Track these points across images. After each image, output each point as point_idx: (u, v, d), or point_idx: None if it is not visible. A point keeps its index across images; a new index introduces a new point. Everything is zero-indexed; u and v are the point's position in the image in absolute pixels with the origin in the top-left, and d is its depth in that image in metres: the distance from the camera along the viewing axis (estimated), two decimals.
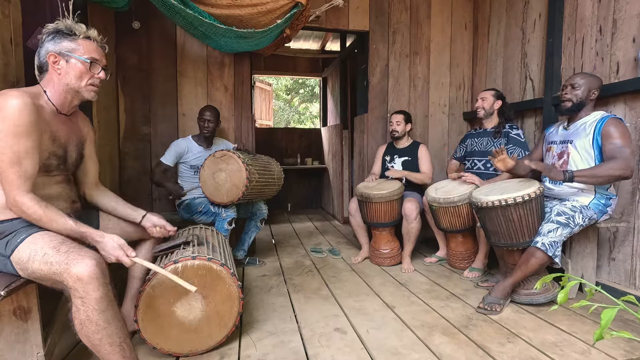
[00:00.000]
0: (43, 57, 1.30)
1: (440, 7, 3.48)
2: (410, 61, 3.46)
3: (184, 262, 1.47)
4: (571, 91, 2.02)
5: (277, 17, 2.41)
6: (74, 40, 1.32)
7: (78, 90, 1.35)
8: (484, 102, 2.65)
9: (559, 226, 1.87)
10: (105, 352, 1.17)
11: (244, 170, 2.30)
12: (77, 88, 1.34)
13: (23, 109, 1.16)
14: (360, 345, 1.62)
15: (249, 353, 1.56)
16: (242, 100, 3.05)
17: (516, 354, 1.54)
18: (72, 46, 1.31)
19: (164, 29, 2.86)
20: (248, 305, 2.04)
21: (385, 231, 2.73)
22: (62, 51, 1.30)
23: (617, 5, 2.19)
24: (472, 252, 2.62)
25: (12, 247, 1.18)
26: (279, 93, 13.60)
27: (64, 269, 1.11)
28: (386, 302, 2.08)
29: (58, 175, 1.38)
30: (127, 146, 2.84)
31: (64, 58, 1.31)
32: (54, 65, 1.31)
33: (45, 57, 1.30)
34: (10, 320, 1.24)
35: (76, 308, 1.13)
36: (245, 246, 2.72)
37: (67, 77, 1.32)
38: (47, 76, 1.33)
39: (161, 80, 2.89)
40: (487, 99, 2.64)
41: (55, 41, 1.30)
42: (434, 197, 2.53)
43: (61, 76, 1.32)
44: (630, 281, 2.12)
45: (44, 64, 1.32)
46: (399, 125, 2.95)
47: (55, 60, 1.30)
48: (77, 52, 1.32)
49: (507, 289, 1.97)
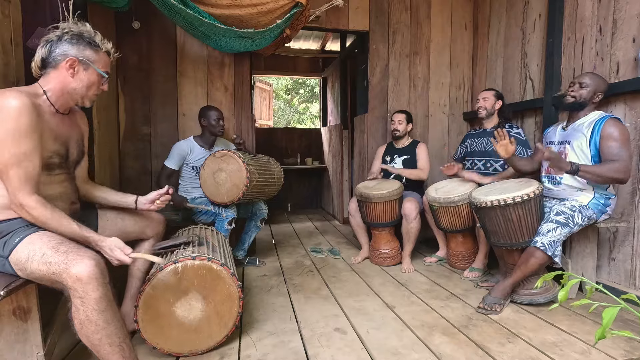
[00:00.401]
0: (58, 56, 1.29)
1: (440, 7, 3.48)
2: (410, 61, 3.46)
3: (184, 262, 1.47)
4: (578, 89, 2.01)
5: (277, 17, 2.41)
6: (96, 52, 1.34)
7: (82, 97, 1.37)
8: (485, 102, 2.65)
9: (558, 226, 1.87)
10: (105, 352, 1.17)
11: (244, 170, 2.30)
12: (83, 95, 1.36)
13: (23, 110, 1.16)
14: (360, 345, 1.62)
15: (249, 353, 1.56)
16: (242, 100, 3.05)
17: (516, 354, 1.54)
18: (94, 57, 1.34)
19: (164, 29, 2.86)
20: (248, 305, 2.04)
21: (385, 231, 2.73)
22: (85, 59, 1.31)
23: (617, 5, 2.19)
24: (472, 252, 2.62)
25: (10, 248, 1.17)
26: (279, 93, 13.60)
27: (63, 269, 1.10)
28: (386, 302, 2.08)
29: (60, 174, 1.37)
30: (127, 146, 2.83)
31: (83, 65, 1.32)
32: (70, 69, 1.30)
33: (62, 57, 1.28)
34: (10, 320, 1.24)
35: (75, 308, 1.13)
36: (245, 246, 2.72)
37: (79, 83, 1.32)
38: (51, 74, 1.30)
39: (161, 80, 2.89)
40: (489, 99, 2.64)
41: (78, 47, 1.30)
42: (434, 197, 2.53)
43: (73, 80, 1.31)
44: (630, 281, 2.12)
45: (53, 61, 1.29)
46: (401, 125, 2.95)
47: (73, 64, 1.30)
48: (97, 64, 1.35)
49: (507, 289, 1.97)
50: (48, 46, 1.29)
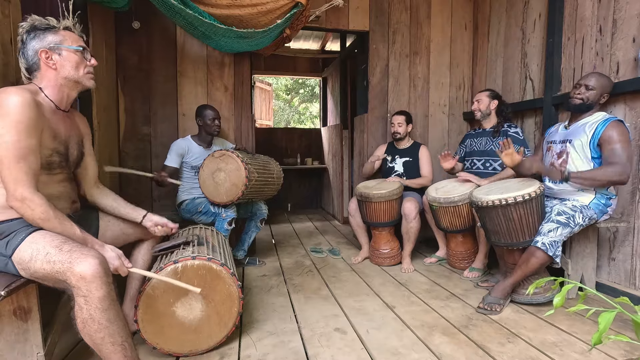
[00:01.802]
0: (32, 56, 1.28)
1: (440, 7, 3.48)
2: (410, 61, 3.46)
3: (183, 262, 1.47)
4: (584, 92, 2.00)
5: (277, 17, 2.41)
6: (56, 32, 1.31)
7: (78, 80, 1.35)
8: (479, 104, 2.66)
9: (559, 226, 1.87)
10: (107, 351, 1.17)
11: (243, 169, 2.30)
12: (77, 78, 1.35)
13: (24, 105, 1.16)
14: (360, 345, 1.62)
15: (249, 353, 1.56)
16: (242, 100, 3.05)
17: (516, 354, 1.54)
18: (58, 38, 1.31)
19: (164, 29, 2.86)
20: (248, 305, 2.04)
21: (385, 231, 2.73)
22: (51, 45, 1.29)
23: (617, 5, 2.19)
24: (472, 252, 2.62)
25: (13, 247, 1.17)
26: (279, 93, 13.60)
27: (67, 268, 1.10)
28: (386, 302, 2.08)
29: (60, 173, 1.37)
30: (127, 146, 2.83)
31: (55, 52, 1.30)
32: (47, 62, 1.29)
33: (36, 55, 1.28)
34: (10, 320, 1.24)
35: (79, 307, 1.13)
36: (245, 246, 2.72)
37: (65, 69, 1.31)
38: (39, 75, 1.31)
39: (161, 80, 2.89)
40: (482, 101, 2.65)
41: (40, 38, 1.29)
42: (434, 197, 2.53)
43: (58, 70, 1.31)
44: (630, 281, 2.12)
45: (32, 63, 1.30)
46: (401, 127, 2.95)
47: (47, 55, 1.29)
48: (66, 42, 1.32)
49: (507, 288, 1.97)
50: (22, 54, 1.30)
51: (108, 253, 1.29)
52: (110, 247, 1.32)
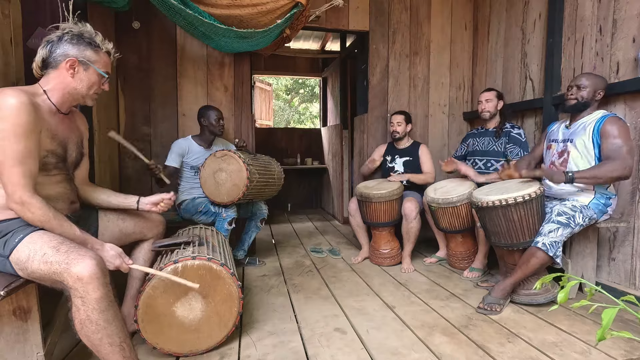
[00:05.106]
0: (59, 56, 1.29)
1: (440, 7, 3.48)
2: (410, 61, 3.46)
3: (183, 262, 1.47)
4: (577, 92, 2.02)
5: (277, 17, 2.41)
6: (97, 52, 1.35)
7: (83, 97, 1.37)
8: (489, 103, 2.66)
9: (559, 226, 1.87)
10: (105, 352, 1.17)
11: (245, 170, 2.30)
12: (84, 95, 1.36)
13: (22, 108, 1.15)
14: (360, 345, 1.62)
15: (249, 353, 1.56)
16: (242, 100, 3.05)
17: (516, 354, 1.54)
18: (94, 57, 1.35)
19: (164, 29, 2.86)
20: (248, 305, 2.04)
21: (385, 231, 2.73)
22: (85, 60, 1.32)
23: (617, 5, 2.19)
24: (472, 252, 2.62)
25: (11, 247, 1.17)
26: (279, 93, 13.60)
27: (64, 269, 1.10)
28: (386, 302, 2.08)
29: (58, 174, 1.36)
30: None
31: (83, 66, 1.32)
32: (70, 69, 1.30)
33: (62, 58, 1.29)
34: (10, 320, 1.24)
35: (76, 308, 1.13)
36: (245, 246, 2.72)
37: (79, 83, 1.33)
38: (52, 74, 1.31)
39: (161, 80, 2.89)
40: (492, 100, 2.66)
41: (79, 47, 1.31)
42: (432, 198, 2.53)
43: (73, 80, 1.32)
44: (630, 281, 2.12)
45: (53, 62, 1.30)
46: (400, 126, 2.95)
47: (74, 65, 1.30)
48: (98, 64, 1.36)
49: (507, 289, 1.97)
50: (49, 46, 1.29)
51: (108, 252, 1.30)
52: (110, 245, 1.32)
